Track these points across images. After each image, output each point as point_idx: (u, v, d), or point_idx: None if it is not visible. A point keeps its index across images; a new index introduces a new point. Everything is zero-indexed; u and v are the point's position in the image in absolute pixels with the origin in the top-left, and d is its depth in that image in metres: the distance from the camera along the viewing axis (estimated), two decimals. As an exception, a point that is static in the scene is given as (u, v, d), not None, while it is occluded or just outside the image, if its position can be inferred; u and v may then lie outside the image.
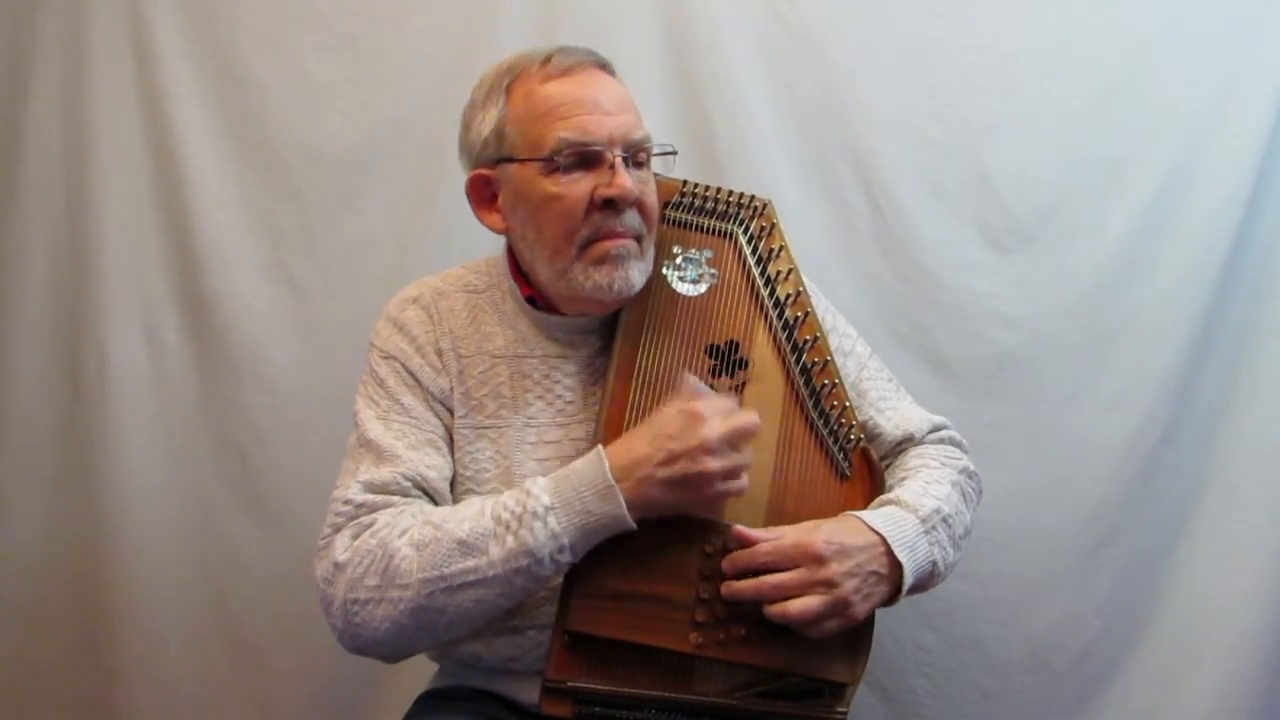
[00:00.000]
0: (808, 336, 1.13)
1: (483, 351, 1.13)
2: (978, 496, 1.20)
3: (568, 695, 1.00)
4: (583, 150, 1.05)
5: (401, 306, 1.16)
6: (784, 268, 1.15)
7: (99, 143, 1.59)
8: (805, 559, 0.99)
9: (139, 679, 1.58)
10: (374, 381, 1.12)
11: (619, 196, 1.04)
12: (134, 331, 1.59)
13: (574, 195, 1.05)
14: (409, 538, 1.00)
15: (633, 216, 1.07)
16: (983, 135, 1.56)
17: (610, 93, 1.09)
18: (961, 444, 1.23)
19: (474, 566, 0.97)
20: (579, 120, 1.05)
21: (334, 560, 1.02)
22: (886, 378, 1.24)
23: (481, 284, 1.18)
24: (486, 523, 0.99)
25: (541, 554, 0.97)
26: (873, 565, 1.01)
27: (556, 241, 1.07)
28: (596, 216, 1.05)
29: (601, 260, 1.06)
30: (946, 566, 1.08)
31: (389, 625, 0.99)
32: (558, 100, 1.07)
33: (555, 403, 1.12)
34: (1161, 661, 1.54)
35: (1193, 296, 1.54)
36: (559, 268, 1.07)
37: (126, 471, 1.57)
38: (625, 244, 1.06)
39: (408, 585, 0.98)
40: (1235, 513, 1.54)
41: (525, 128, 1.08)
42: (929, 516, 1.06)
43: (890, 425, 1.19)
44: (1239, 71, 1.54)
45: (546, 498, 0.98)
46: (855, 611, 1.00)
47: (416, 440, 1.08)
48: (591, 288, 1.06)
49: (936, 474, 1.13)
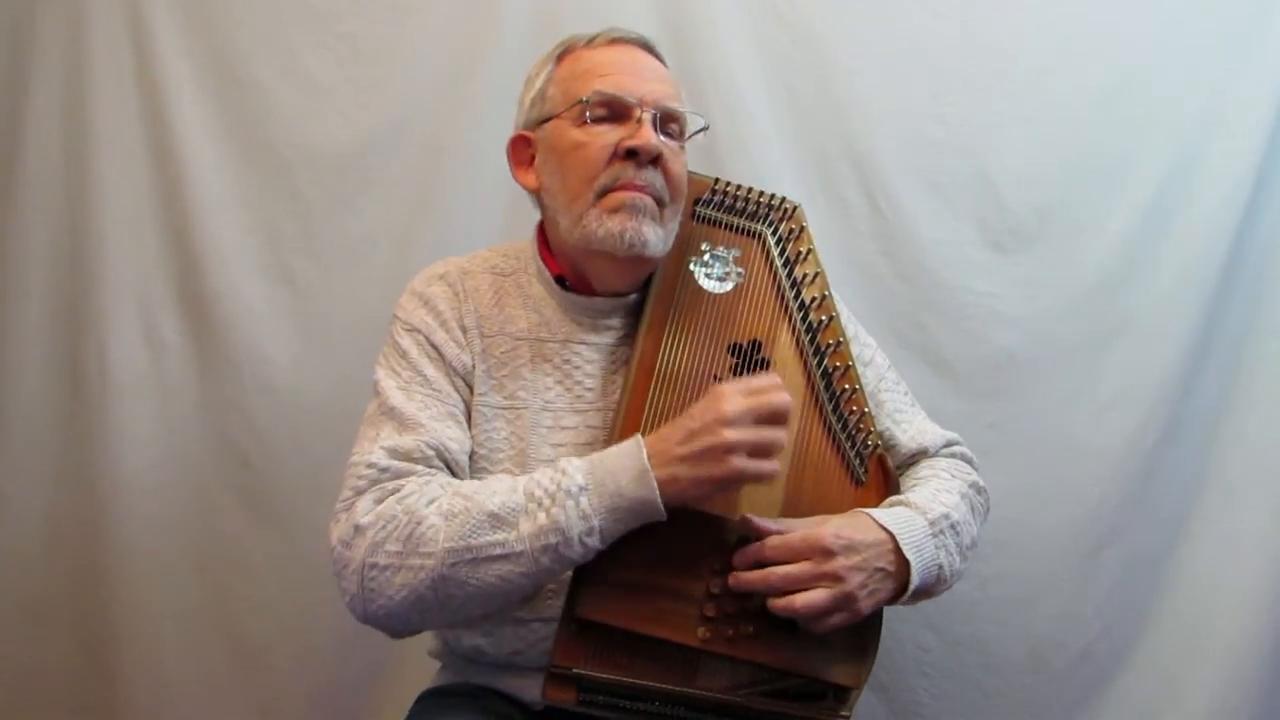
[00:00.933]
0: (831, 341, 1.13)
1: (505, 333, 1.13)
2: (985, 512, 1.21)
3: (572, 682, 1.00)
4: (612, 100, 1.09)
5: (428, 282, 1.16)
6: (811, 271, 1.16)
7: (99, 143, 1.59)
8: (813, 552, 1.00)
9: (139, 679, 1.57)
10: (396, 353, 1.12)
11: (641, 147, 1.07)
12: (134, 331, 1.59)
13: (599, 143, 1.09)
14: (437, 506, 0.99)
15: (654, 174, 1.08)
16: (983, 135, 1.57)
17: (652, 65, 1.15)
18: (972, 460, 1.24)
19: (503, 540, 0.97)
20: (615, 77, 1.11)
21: (355, 523, 1.00)
22: (904, 391, 1.25)
23: (508, 267, 1.19)
24: (519, 498, 0.98)
25: (571, 533, 0.96)
26: (880, 562, 1.02)
27: (577, 186, 1.09)
28: (617, 166, 1.08)
29: (616, 209, 1.07)
30: (952, 574, 1.09)
31: (405, 594, 0.98)
32: (600, 60, 1.13)
33: (574, 389, 1.12)
34: (1161, 661, 1.54)
35: (1193, 296, 1.54)
36: (576, 213, 1.09)
37: (126, 471, 1.57)
38: (641, 197, 1.07)
39: (431, 554, 0.97)
40: (1235, 513, 1.55)
41: (567, 86, 1.13)
42: (938, 520, 1.07)
43: (905, 438, 1.20)
44: (1239, 72, 1.54)
45: (580, 478, 0.98)
46: (861, 607, 1.01)
47: (438, 412, 1.08)
48: (604, 234, 1.07)
49: (946, 484, 1.14)
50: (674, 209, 1.12)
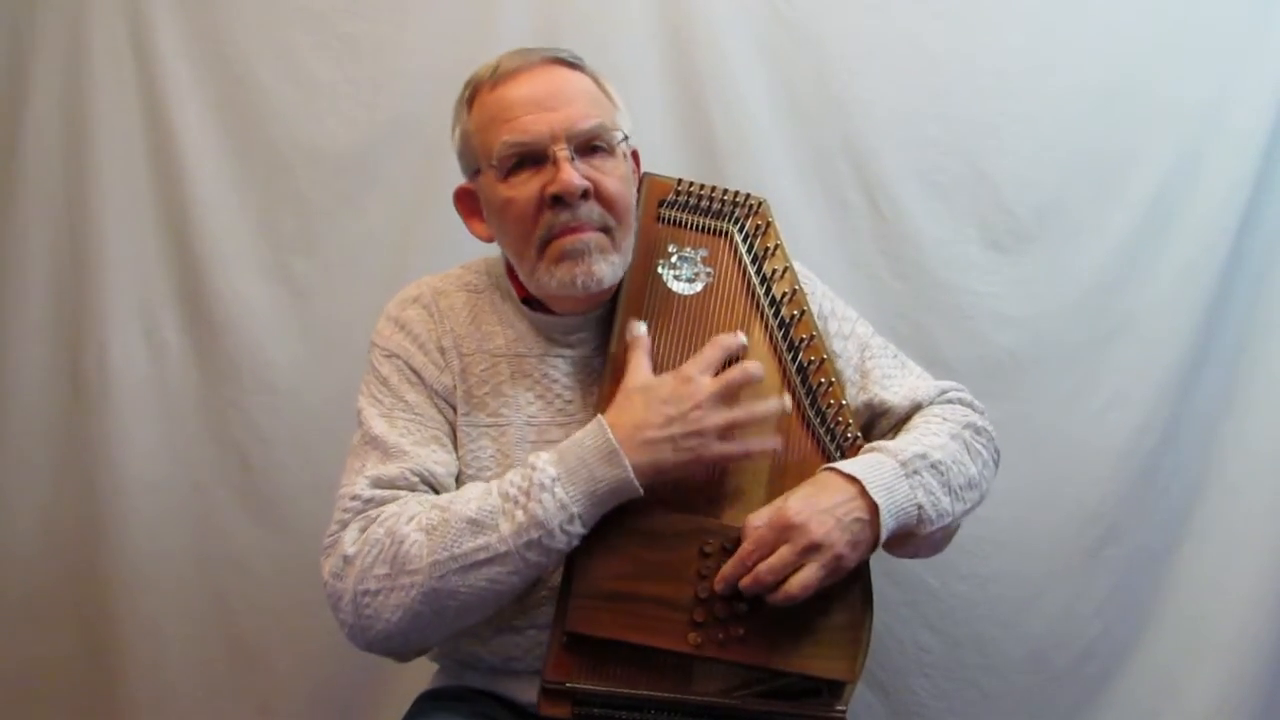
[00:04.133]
0: (804, 335, 1.12)
1: (484, 350, 1.13)
2: (990, 454, 1.17)
3: (566, 696, 1.00)
4: (522, 150, 1.05)
5: (402, 305, 1.16)
6: (779, 266, 1.15)
7: (99, 143, 1.59)
8: (785, 533, 0.98)
9: (139, 679, 1.58)
10: (377, 380, 1.12)
11: (562, 192, 1.03)
12: (134, 331, 1.59)
13: (524, 196, 1.05)
14: (417, 523, 1.00)
15: (589, 209, 1.05)
16: (983, 135, 1.56)
17: (554, 87, 1.08)
18: (973, 404, 1.20)
19: (485, 544, 0.97)
20: (517, 122, 1.05)
21: (343, 554, 1.01)
22: (891, 354, 1.22)
23: (481, 284, 1.18)
24: (494, 500, 0.99)
25: (552, 525, 0.96)
26: (853, 513, 1.00)
27: (518, 245, 1.08)
28: (549, 215, 1.05)
29: (560, 258, 1.05)
30: (940, 513, 1.05)
31: (401, 614, 0.98)
32: (502, 104, 1.07)
33: (555, 402, 1.12)
34: (1162, 661, 1.54)
35: (1193, 296, 1.54)
36: (526, 269, 1.09)
37: (126, 471, 1.57)
38: (582, 238, 1.05)
39: (418, 570, 0.97)
40: (1235, 513, 1.54)
41: (482, 138, 1.09)
42: (910, 460, 1.04)
43: (898, 398, 1.17)
44: (1239, 72, 1.54)
45: (552, 469, 0.98)
46: (848, 563, 1.00)
47: (422, 437, 1.08)
48: (557, 286, 1.06)
49: (935, 427, 1.11)
50: (624, 228, 1.09)
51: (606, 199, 1.06)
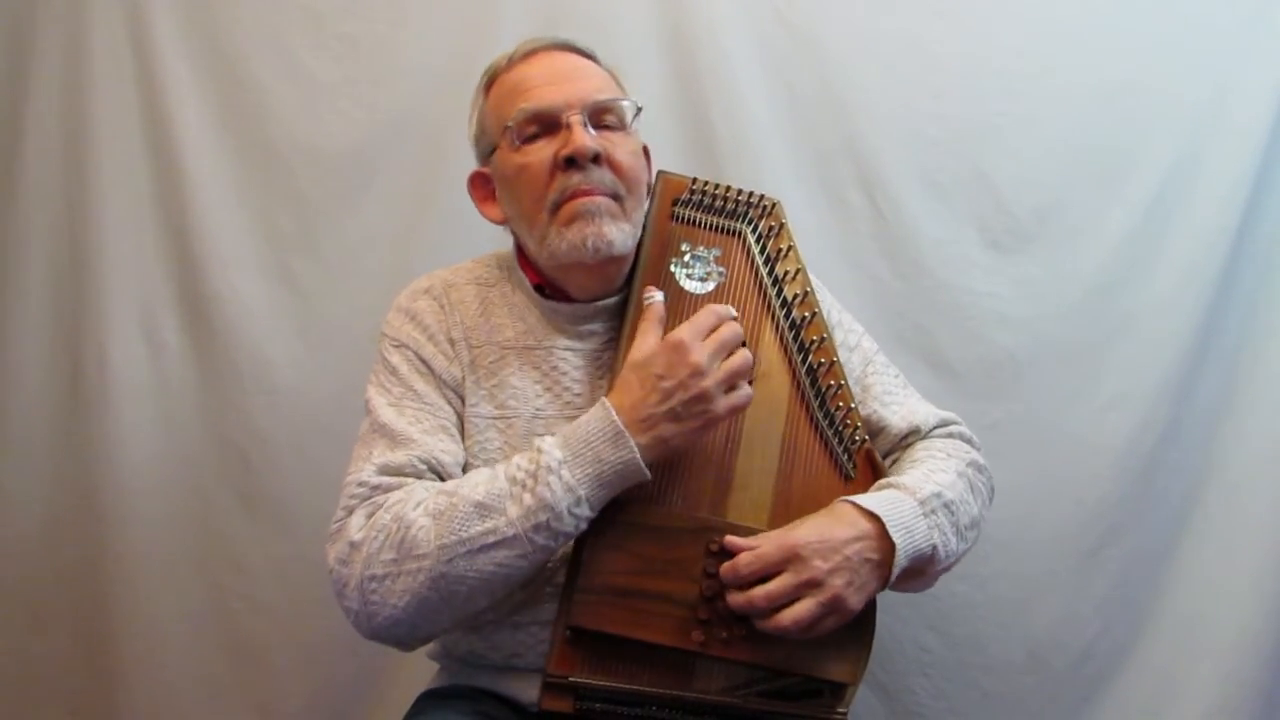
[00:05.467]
0: (814, 337, 1.13)
1: (493, 342, 1.13)
2: (988, 492, 1.18)
3: (568, 690, 1.00)
4: (537, 114, 1.09)
5: (413, 297, 1.17)
6: (792, 267, 1.15)
7: (99, 143, 1.59)
8: (789, 562, 0.98)
9: (139, 679, 1.58)
10: (386, 370, 1.12)
11: (575, 151, 1.06)
12: (134, 331, 1.59)
13: (538, 160, 1.08)
14: (424, 508, 1.00)
15: (601, 173, 1.08)
16: (983, 135, 1.56)
17: (571, 65, 1.14)
18: (972, 440, 1.22)
19: (493, 527, 0.97)
20: (535, 91, 1.10)
21: (349, 540, 1.01)
22: (893, 374, 1.23)
23: (492, 277, 1.19)
24: (501, 484, 0.99)
25: (559, 508, 0.96)
26: (865, 554, 1.00)
27: (531, 210, 1.10)
28: (561, 178, 1.07)
29: (572, 219, 1.07)
30: (948, 554, 1.05)
31: (408, 599, 0.98)
32: (520, 79, 1.12)
33: (563, 395, 1.12)
34: (1161, 661, 1.54)
35: (1193, 296, 1.54)
36: (538, 235, 1.10)
37: (126, 471, 1.57)
38: (593, 200, 1.07)
39: (425, 555, 0.97)
40: (1235, 513, 1.54)
41: (497, 114, 1.13)
42: (928, 499, 1.04)
43: (896, 419, 1.18)
44: (1239, 71, 1.54)
45: (558, 452, 0.99)
46: (850, 606, 0.99)
47: (430, 426, 1.08)
48: (568, 248, 1.07)
49: (942, 464, 1.11)
50: (634, 199, 1.11)
51: (618, 167, 1.09)
